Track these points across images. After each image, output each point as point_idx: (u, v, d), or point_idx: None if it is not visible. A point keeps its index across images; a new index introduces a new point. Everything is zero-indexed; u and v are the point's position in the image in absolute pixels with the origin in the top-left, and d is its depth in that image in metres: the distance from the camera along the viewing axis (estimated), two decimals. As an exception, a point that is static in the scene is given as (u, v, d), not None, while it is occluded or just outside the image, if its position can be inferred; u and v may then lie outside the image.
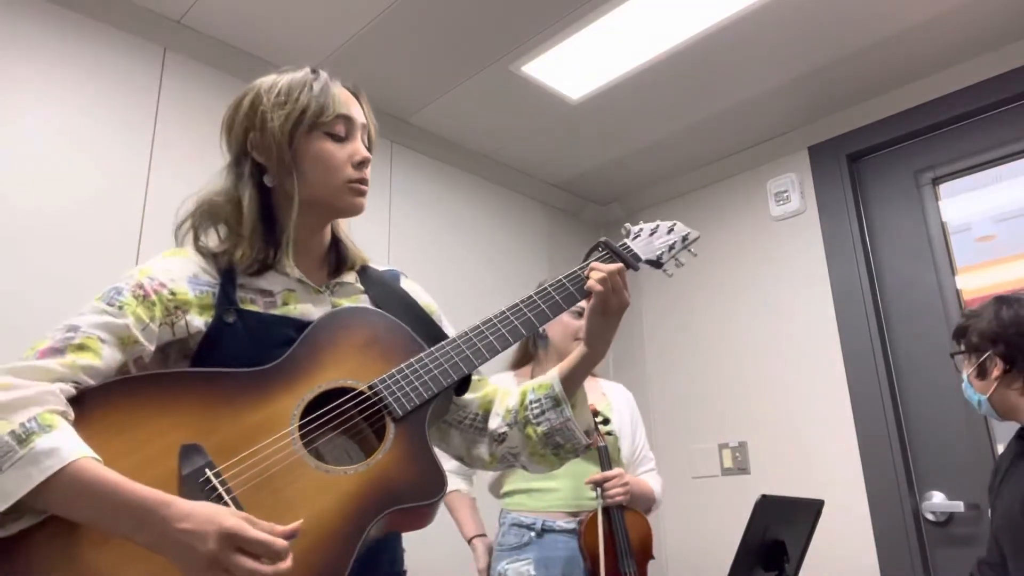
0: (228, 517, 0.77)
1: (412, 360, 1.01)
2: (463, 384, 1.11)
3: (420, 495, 0.92)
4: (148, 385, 0.90)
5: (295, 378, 0.95)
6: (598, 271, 1.08)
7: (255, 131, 1.05)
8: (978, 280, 2.41)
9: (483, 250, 2.87)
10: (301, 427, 0.92)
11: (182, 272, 1.00)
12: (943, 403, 2.36)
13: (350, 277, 1.14)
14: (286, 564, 0.78)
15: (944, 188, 2.52)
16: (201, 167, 1.69)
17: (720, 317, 2.91)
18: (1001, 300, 1.64)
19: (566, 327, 2.07)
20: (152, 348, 0.95)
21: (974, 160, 2.44)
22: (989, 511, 1.70)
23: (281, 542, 0.78)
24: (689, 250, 1.26)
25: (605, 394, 2.19)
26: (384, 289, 1.15)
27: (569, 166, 3.04)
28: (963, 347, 1.68)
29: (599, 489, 1.82)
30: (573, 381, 1.11)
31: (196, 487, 0.83)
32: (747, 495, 1.89)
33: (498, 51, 2.29)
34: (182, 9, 2.09)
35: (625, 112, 2.64)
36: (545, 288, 1.10)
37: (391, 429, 0.95)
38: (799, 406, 2.62)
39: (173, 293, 0.97)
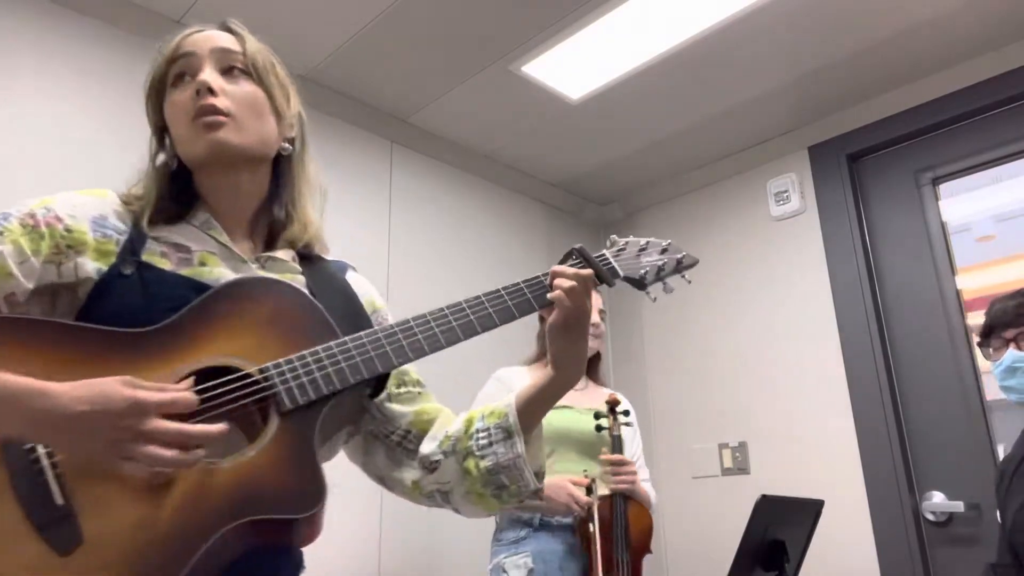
0: (125, 384, 0.71)
1: (319, 348, 0.85)
2: (379, 386, 0.96)
3: (287, 507, 0.76)
4: (6, 327, 0.77)
5: (175, 347, 0.80)
6: (563, 277, 0.92)
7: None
8: (978, 280, 2.41)
9: (483, 250, 2.87)
10: None
11: (88, 210, 0.88)
12: (943, 403, 2.36)
13: (285, 254, 0.99)
14: (199, 451, 0.71)
15: (944, 188, 2.52)
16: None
17: (720, 317, 2.91)
18: None
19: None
20: (29, 286, 0.82)
21: (974, 160, 2.44)
22: (998, 513, 1.69)
23: (190, 397, 0.73)
24: (683, 276, 1.10)
25: (604, 385, 2.19)
26: (325, 276, 1.01)
27: (569, 166, 3.04)
28: (1008, 334, 1.66)
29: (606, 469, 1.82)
30: (534, 411, 0.94)
31: (17, 456, 0.71)
32: (747, 495, 1.88)
33: (498, 51, 2.29)
34: (182, 9, 2.09)
35: (625, 112, 2.64)
36: (498, 291, 0.95)
37: (274, 423, 0.80)
38: (799, 406, 2.62)
39: (69, 230, 0.85)
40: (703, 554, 2.77)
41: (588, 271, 0.94)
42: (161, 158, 0.97)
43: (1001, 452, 2.24)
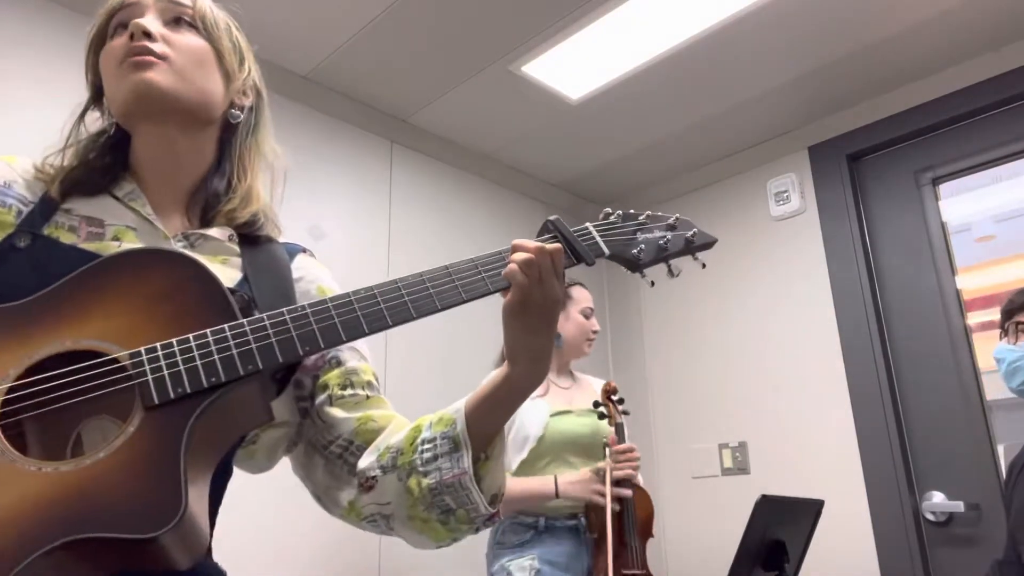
0: None
1: (208, 331, 0.69)
2: (284, 380, 0.82)
3: (127, 525, 0.58)
4: None
5: (35, 325, 0.67)
6: (522, 251, 0.76)
7: None
8: (978, 280, 2.41)
9: (483, 250, 2.85)
10: (11, 391, 0.64)
11: None
12: (943, 403, 2.36)
13: (221, 232, 0.86)
14: None
15: (944, 188, 2.52)
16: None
17: (720, 317, 2.91)
18: None
19: (580, 327, 2.06)
20: None
21: (974, 160, 2.44)
22: (1005, 511, 1.69)
23: None
24: (695, 257, 0.96)
25: (589, 380, 2.18)
26: (264, 258, 0.87)
27: (569, 166, 3.04)
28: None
29: (608, 450, 1.84)
30: (488, 416, 0.77)
31: None
32: (747, 495, 1.88)
33: (498, 51, 2.29)
34: (182, 9, 2.09)
35: (625, 112, 2.64)
36: (444, 269, 0.79)
37: (135, 419, 0.64)
38: (799, 406, 2.62)
39: None
40: (703, 554, 2.77)
41: (556, 246, 0.79)
42: (97, 123, 0.88)
43: (1001, 452, 2.24)
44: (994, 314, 1.82)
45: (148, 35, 0.81)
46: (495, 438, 0.78)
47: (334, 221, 2.37)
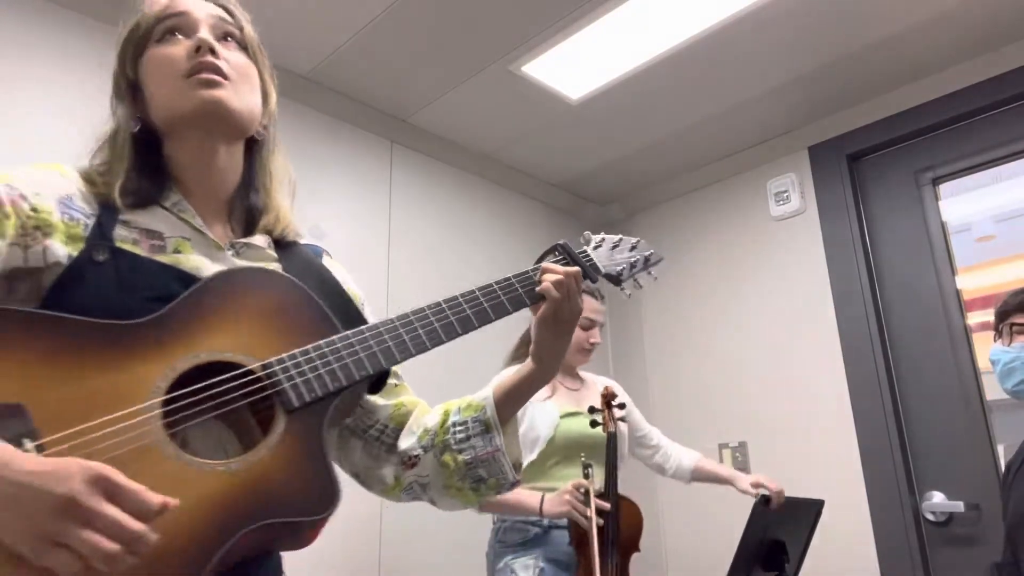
0: (90, 463, 0.61)
1: (322, 342, 0.82)
2: (378, 382, 0.95)
3: (303, 508, 0.73)
4: None
5: (170, 341, 0.75)
6: (553, 273, 0.93)
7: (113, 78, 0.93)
8: (978, 280, 2.41)
9: (483, 250, 2.87)
10: (166, 403, 0.72)
11: (53, 189, 0.80)
12: (943, 403, 2.36)
13: (261, 240, 0.94)
14: (147, 538, 0.61)
15: (944, 188, 2.52)
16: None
17: (720, 317, 2.91)
18: None
19: (575, 337, 2.06)
20: None
21: (974, 160, 2.44)
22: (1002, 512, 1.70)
23: (156, 499, 0.62)
24: (649, 272, 1.14)
25: (596, 382, 2.18)
26: (301, 261, 0.96)
27: (569, 166, 3.04)
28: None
29: (590, 470, 1.78)
30: (511, 403, 0.94)
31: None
32: (744, 501, 1.88)
33: (498, 51, 2.29)
34: (182, 9, 2.09)
35: (625, 112, 2.64)
36: (491, 286, 0.94)
37: (280, 422, 0.76)
38: (799, 406, 2.62)
39: (35, 210, 0.77)
40: (703, 554, 2.77)
41: (575, 268, 0.95)
42: (122, 121, 0.90)
43: (1001, 452, 2.24)
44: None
45: (214, 52, 0.86)
46: (511, 420, 0.95)
47: (334, 221, 2.37)
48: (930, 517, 2.31)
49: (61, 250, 0.77)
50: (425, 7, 2.09)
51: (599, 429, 1.94)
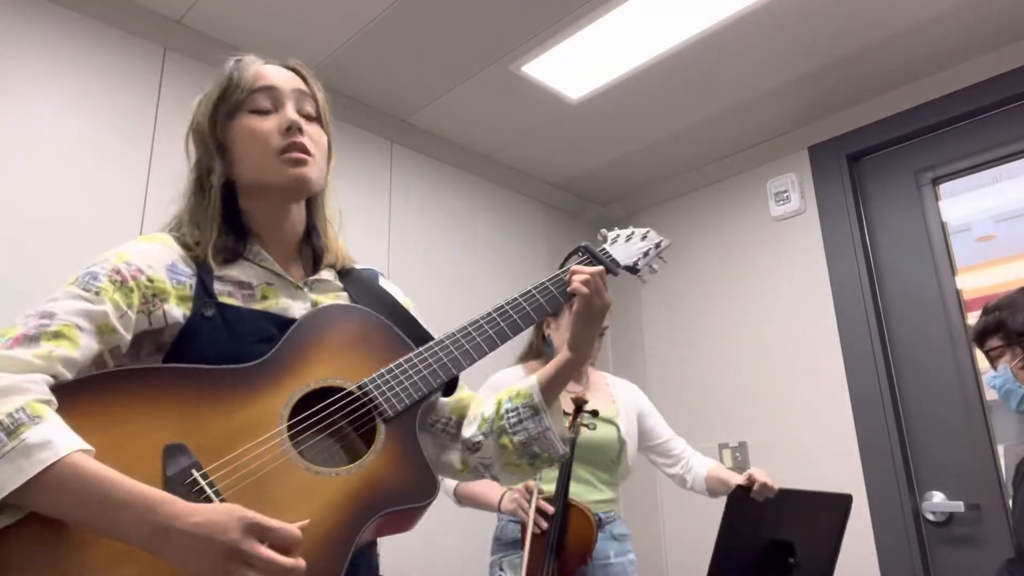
0: (244, 508, 0.74)
1: (401, 360, 0.98)
2: (450, 385, 1.09)
3: (414, 497, 0.90)
4: (128, 380, 0.84)
5: (282, 376, 0.92)
6: (581, 273, 1.07)
7: (193, 131, 1.06)
8: (978, 280, 2.41)
9: (483, 250, 2.87)
10: (290, 427, 0.89)
11: (161, 259, 0.95)
12: (943, 403, 2.36)
13: (328, 274, 1.10)
14: (301, 561, 0.75)
15: (944, 188, 2.52)
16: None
17: (720, 317, 2.91)
18: None
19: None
20: (129, 337, 0.89)
21: (974, 160, 2.44)
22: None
23: (298, 533, 0.76)
24: (661, 257, 1.25)
25: (610, 384, 2.17)
26: (363, 287, 1.12)
27: (569, 166, 3.04)
28: (1000, 341, 1.66)
29: (539, 477, 1.76)
30: (553, 388, 1.08)
31: (182, 488, 0.79)
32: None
33: (498, 51, 2.29)
34: (182, 9, 2.09)
35: (625, 112, 2.64)
36: (529, 291, 1.09)
37: (382, 430, 0.93)
38: (799, 406, 2.62)
39: (151, 280, 0.92)
40: (703, 555, 2.76)
41: (599, 267, 1.08)
42: (214, 180, 1.02)
43: (1001, 452, 2.24)
44: (994, 314, 1.82)
45: (300, 130, 1.00)
46: (556, 402, 1.09)
47: (334, 221, 2.36)
48: (930, 517, 2.31)
49: (177, 311, 0.92)
50: (425, 7, 2.09)
51: (604, 429, 1.94)
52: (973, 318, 2.37)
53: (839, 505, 1.64)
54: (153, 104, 2.08)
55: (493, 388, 2.01)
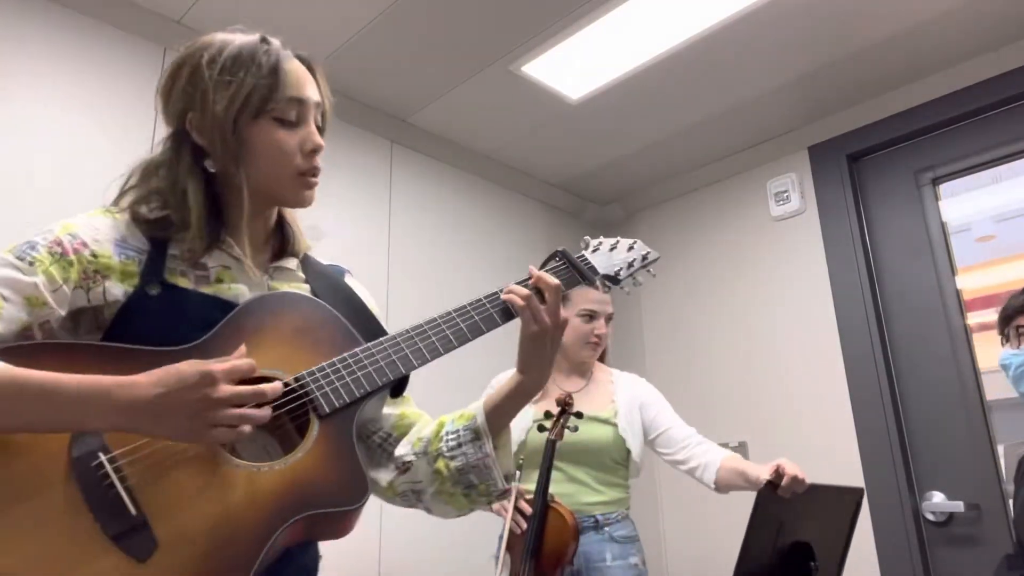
0: (194, 362, 0.77)
1: (346, 355, 0.92)
2: (399, 387, 1.01)
3: (339, 500, 0.84)
4: (47, 354, 0.80)
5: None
6: (513, 295, 0.97)
7: (195, 111, 0.95)
8: (978, 280, 2.41)
9: (483, 250, 2.87)
10: None
11: (109, 234, 0.91)
12: (943, 403, 2.35)
13: (291, 263, 1.05)
14: (267, 409, 0.79)
15: (944, 188, 2.52)
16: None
17: (720, 317, 2.91)
18: None
19: (576, 330, 2.05)
20: (62, 313, 0.86)
21: (974, 160, 2.44)
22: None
23: (246, 362, 0.79)
24: (648, 270, 1.19)
25: (614, 382, 2.15)
26: (326, 281, 1.07)
27: (569, 166, 3.04)
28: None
29: (518, 473, 1.75)
30: (501, 415, 0.98)
31: (87, 472, 0.76)
32: (747, 495, 1.87)
33: (498, 51, 2.29)
34: (182, 9, 2.09)
35: (625, 112, 2.64)
36: (494, 293, 1.01)
37: (315, 426, 0.87)
38: (799, 406, 2.62)
39: (95, 255, 0.88)
40: (704, 554, 2.76)
41: (555, 281, 0.98)
42: (208, 167, 0.97)
43: (1001, 452, 2.24)
44: (994, 314, 1.81)
45: (318, 152, 0.98)
46: (503, 431, 0.99)
47: (334, 221, 2.36)
48: (930, 517, 2.31)
49: (117, 288, 0.88)
50: (425, 7, 2.09)
51: (600, 430, 1.93)
52: (973, 318, 2.37)
53: (851, 499, 1.58)
54: (152, 104, 2.08)
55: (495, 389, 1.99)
